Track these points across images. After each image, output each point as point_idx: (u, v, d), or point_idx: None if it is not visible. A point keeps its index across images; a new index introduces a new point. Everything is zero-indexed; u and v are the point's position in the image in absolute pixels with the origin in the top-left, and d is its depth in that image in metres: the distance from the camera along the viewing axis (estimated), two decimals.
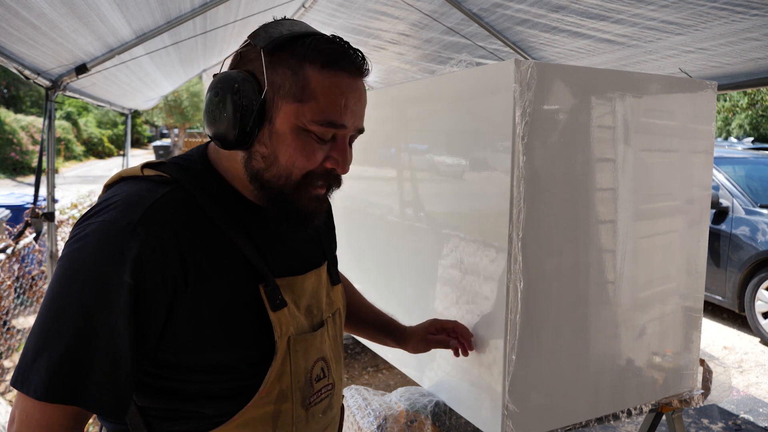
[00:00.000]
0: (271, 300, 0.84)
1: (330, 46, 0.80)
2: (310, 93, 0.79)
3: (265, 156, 0.82)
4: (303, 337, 0.88)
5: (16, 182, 16.05)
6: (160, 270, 0.75)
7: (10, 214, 5.31)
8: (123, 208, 0.76)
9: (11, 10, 2.03)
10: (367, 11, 3.87)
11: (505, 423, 1.34)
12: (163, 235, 0.76)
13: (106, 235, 0.74)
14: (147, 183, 0.81)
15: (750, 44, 2.38)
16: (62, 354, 0.71)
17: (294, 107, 0.80)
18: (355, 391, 1.72)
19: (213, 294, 0.79)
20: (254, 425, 0.83)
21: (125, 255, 0.73)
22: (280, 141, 0.81)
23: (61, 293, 0.73)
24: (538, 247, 1.34)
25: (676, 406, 1.70)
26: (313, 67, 0.79)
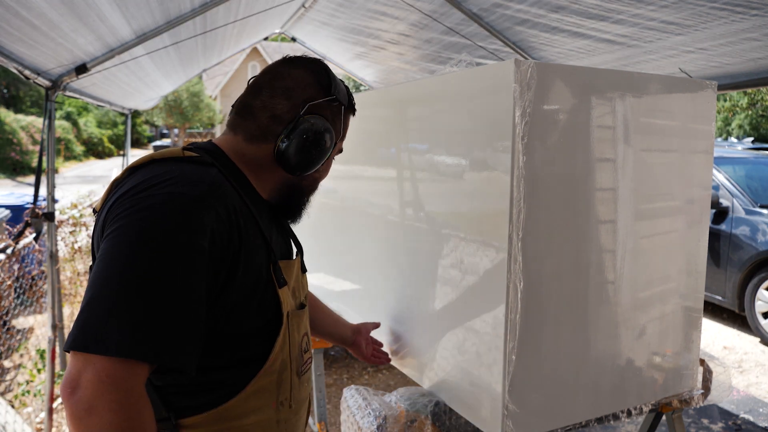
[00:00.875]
0: (278, 278, 0.96)
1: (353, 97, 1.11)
2: (344, 134, 1.11)
3: (315, 179, 1.09)
4: (296, 312, 1.02)
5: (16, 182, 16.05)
6: (228, 238, 0.85)
7: (10, 214, 5.31)
8: (187, 182, 0.84)
9: (11, 10, 2.03)
10: (367, 11, 3.87)
11: (505, 423, 1.34)
12: (226, 208, 0.86)
13: (180, 205, 0.80)
14: (194, 164, 0.90)
15: (750, 44, 2.38)
16: (145, 312, 0.74)
17: (340, 144, 1.10)
18: (354, 391, 1.72)
19: (252, 267, 0.91)
20: (262, 393, 0.93)
21: (203, 222, 0.80)
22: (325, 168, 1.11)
23: (139, 258, 0.76)
24: (538, 247, 1.34)
25: (676, 406, 1.70)
26: (350, 114, 1.11)
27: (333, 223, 2.28)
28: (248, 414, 0.91)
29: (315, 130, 0.99)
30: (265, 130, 0.99)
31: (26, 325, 4.78)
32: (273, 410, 0.96)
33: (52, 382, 3.02)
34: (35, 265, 4.99)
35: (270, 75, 1.03)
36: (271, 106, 0.99)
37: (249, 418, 0.91)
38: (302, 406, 1.06)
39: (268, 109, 0.99)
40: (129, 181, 0.86)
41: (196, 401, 0.88)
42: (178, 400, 0.88)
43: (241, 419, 0.91)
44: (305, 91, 1.01)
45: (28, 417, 3.23)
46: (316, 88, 1.02)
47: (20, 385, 3.56)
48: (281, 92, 1.00)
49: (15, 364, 4.02)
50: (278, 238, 1.05)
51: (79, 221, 5.03)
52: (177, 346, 0.76)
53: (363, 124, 2.09)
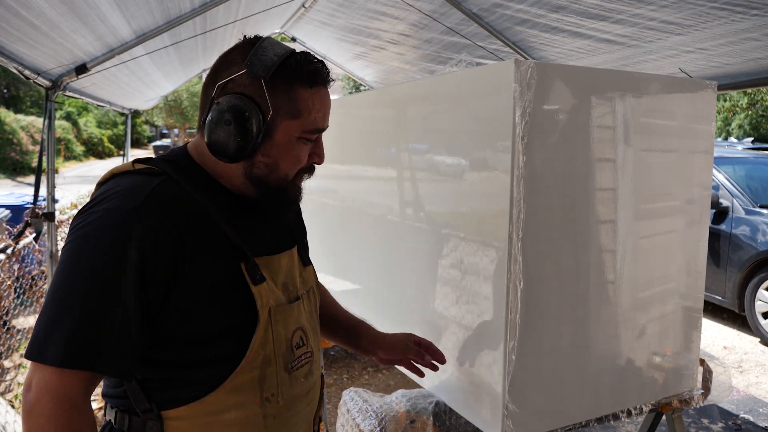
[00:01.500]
0: (252, 276, 0.95)
1: (311, 66, 0.95)
2: (302, 110, 0.96)
3: (268, 164, 0.97)
4: (282, 308, 1.00)
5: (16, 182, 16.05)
6: (162, 248, 0.85)
7: (10, 214, 5.31)
8: (124, 197, 0.86)
9: (11, 10, 2.03)
10: (367, 11, 3.87)
11: (505, 423, 1.34)
12: (162, 217, 0.86)
13: (111, 220, 0.84)
14: (141, 176, 0.92)
15: (750, 44, 2.38)
16: (77, 325, 0.79)
17: (291, 123, 0.96)
18: (354, 393, 1.72)
19: (205, 271, 0.91)
20: (244, 388, 0.94)
21: (131, 235, 0.83)
22: (280, 151, 0.97)
23: (72, 272, 0.82)
24: (538, 247, 1.34)
25: (676, 406, 1.70)
26: (303, 88, 0.95)
27: (333, 223, 2.28)
28: (230, 409, 0.93)
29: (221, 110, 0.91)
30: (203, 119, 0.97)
31: (26, 325, 4.78)
32: (257, 405, 0.96)
33: None
34: (35, 265, 4.99)
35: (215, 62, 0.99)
36: (204, 93, 0.97)
37: (231, 413, 0.93)
38: (299, 402, 1.04)
39: (204, 96, 0.97)
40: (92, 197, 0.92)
41: (177, 395, 0.91)
42: (160, 393, 0.91)
43: (223, 414, 0.92)
44: (226, 72, 0.94)
45: None
46: (238, 65, 0.93)
47: (20, 385, 3.56)
48: (211, 77, 0.97)
49: (15, 364, 4.02)
50: (264, 234, 1.03)
51: None
52: (105, 355, 0.81)
53: (363, 124, 2.10)
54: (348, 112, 2.16)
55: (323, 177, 2.39)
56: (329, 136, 1.37)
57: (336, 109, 2.60)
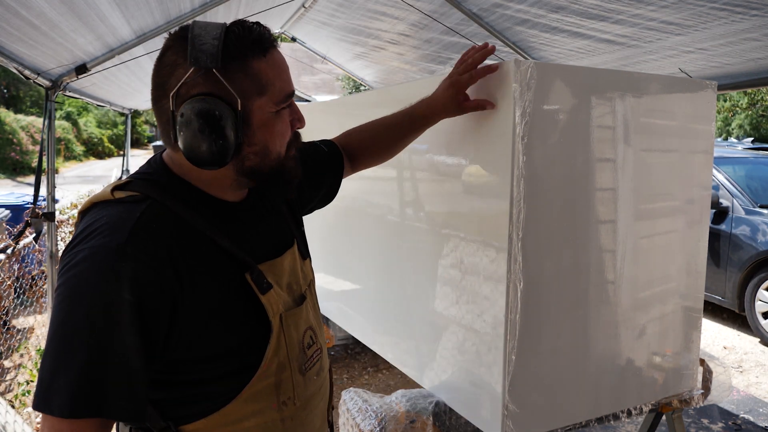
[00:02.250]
0: (259, 284, 0.92)
1: (252, 34, 0.88)
2: (266, 83, 0.89)
3: (257, 152, 0.91)
4: (292, 312, 0.98)
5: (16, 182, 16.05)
6: (156, 283, 0.81)
7: (10, 214, 5.31)
8: (108, 232, 0.81)
9: (11, 10, 2.03)
10: (367, 11, 3.87)
11: (505, 423, 1.34)
12: (152, 250, 0.82)
13: (98, 259, 0.79)
14: (122, 205, 0.85)
15: (750, 44, 2.38)
16: (79, 372, 0.76)
17: (261, 101, 0.89)
18: (354, 394, 1.72)
19: (207, 292, 0.86)
20: (260, 397, 0.93)
21: (121, 275, 0.78)
22: (264, 134, 0.90)
23: (67, 318, 0.78)
24: (538, 247, 1.34)
25: (676, 406, 1.70)
26: (256, 60, 0.88)
27: (333, 223, 2.28)
28: (248, 417, 0.92)
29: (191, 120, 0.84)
30: (169, 136, 0.88)
31: (26, 325, 4.78)
32: (275, 411, 0.95)
33: None
34: (35, 265, 4.99)
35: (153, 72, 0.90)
36: (159, 109, 0.89)
37: (249, 420, 0.92)
38: (313, 400, 1.04)
39: (162, 113, 0.89)
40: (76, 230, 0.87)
41: (192, 410, 0.90)
42: (175, 410, 0.89)
43: (242, 422, 0.92)
44: (173, 78, 0.86)
45: (28, 417, 3.23)
46: (183, 66, 0.85)
47: (20, 385, 3.56)
48: (159, 91, 0.88)
49: (15, 364, 4.02)
50: (263, 237, 1.00)
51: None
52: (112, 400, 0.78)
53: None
54: (348, 112, 2.16)
55: None
56: (329, 136, 1.37)
57: (336, 109, 2.60)
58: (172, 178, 0.92)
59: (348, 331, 2.23)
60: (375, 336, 2.03)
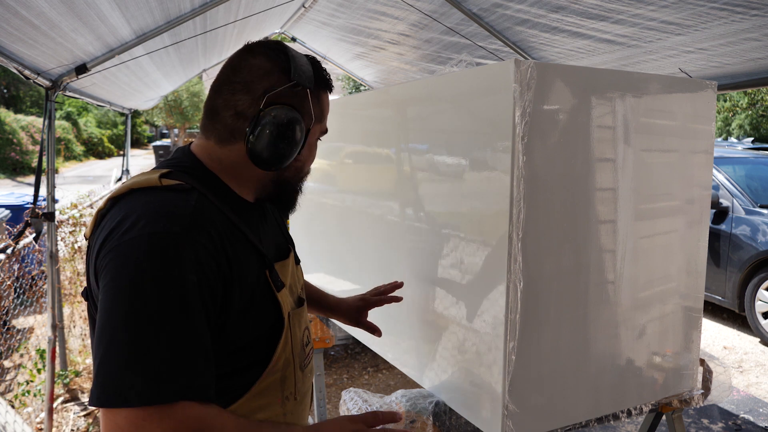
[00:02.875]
0: (275, 282, 0.98)
1: (325, 71, 1.04)
2: (325, 113, 1.06)
3: (297, 167, 1.04)
4: (297, 311, 1.05)
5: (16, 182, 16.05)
6: (215, 266, 0.85)
7: (10, 214, 5.31)
8: (167, 217, 0.83)
9: (11, 10, 2.03)
10: (367, 11, 3.87)
11: (505, 423, 1.34)
12: (210, 235, 0.86)
13: (160, 244, 0.80)
14: (173, 193, 0.88)
15: (750, 44, 2.38)
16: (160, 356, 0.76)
17: (316, 127, 1.04)
18: (354, 394, 1.72)
19: (246, 280, 0.92)
20: (268, 391, 0.97)
21: (187, 257, 0.81)
22: (308, 154, 1.05)
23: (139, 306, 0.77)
24: (538, 247, 1.34)
25: (676, 406, 1.70)
26: (325, 93, 1.05)
27: (333, 223, 2.28)
28: (255, 412, 0.95)
29: (278, 123, 0.93)
30: (233, 129, 0.96)
31: (26, 325, 4.78)
32: (279, 405, 0.99)
33: (52, 382, 3.02)
34: (35, 265, 4.99)
35: (229, 70, 0.98)
36: (233, 104, 0.95)
37: (257, 415, 0.95)
38: (306, 396, 1.10)
39: (231, 106, 0.95)
40: (111, 215, 0.86)
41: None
42: None
43: (249, 417, 0.93)
44: (264, 81, 0.95)
45: (28, 417, 3.23)
46: (277, 75, 0.95)
47: (20, 385, 3.56)
48: (241, 87, 0.95)
49: (15, 364, 4.02)
50: (270, 239, 1.06)
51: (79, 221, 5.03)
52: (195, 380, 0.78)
53: (363, 124, 2.10)
54: (348, 112, 2.15)
55: (323, 177, 2.39)
56: (330, 136, 1.37)
57: (336, 109, 2.60)
58: (206, 172, 0.97)
59: (348, 331, 2.23)
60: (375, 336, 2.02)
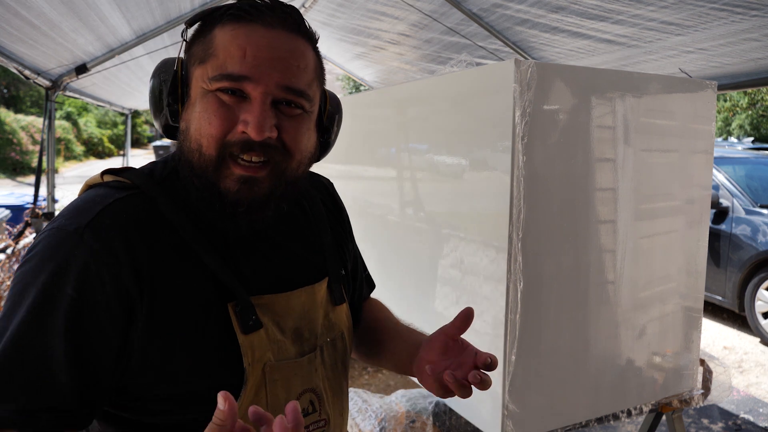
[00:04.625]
0: (242, 321, 0.72)
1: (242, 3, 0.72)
2: (212, 50, 0.71)
3: (182, 131, 0.74)
4: (284, 364, 0.76)
5: (16, 182, 16.05)
6: (110, 281, 0.66)
7: (10, 214, 5.31)
8: (73, 214, 0.69)
9: (11, 10, 2.03)
10: (367, 11, 3.87)
11: (505, 423, 1.34)
12: (113, 241, 0.67)
13: (52, 243, 0.67)
14: (104, 189, 0.73)
15: (750, 44, 2.38)
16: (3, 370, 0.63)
17: (199, 70, 0.72)
18: (354, 394, 1.72)
19: (174, 312, 0.70)
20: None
21: (70, 264, 0.65)
22: (190, 111, 0.73)
23: (9, 301, 0.67)
24: (538, 247, 1.34)
25: (676, 406, 1.70)
26: (221, 27, 0.71)
27: None
28: None
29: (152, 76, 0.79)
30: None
31: None
32: None
33: None
34: None
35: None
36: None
37: None
38: None
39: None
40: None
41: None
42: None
43: None
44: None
45: None
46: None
47: None
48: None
49: None
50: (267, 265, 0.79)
51: None
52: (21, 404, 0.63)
53: (363, 124, 2.09)
54: (348, 112, 2.15)
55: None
56: None
57: None
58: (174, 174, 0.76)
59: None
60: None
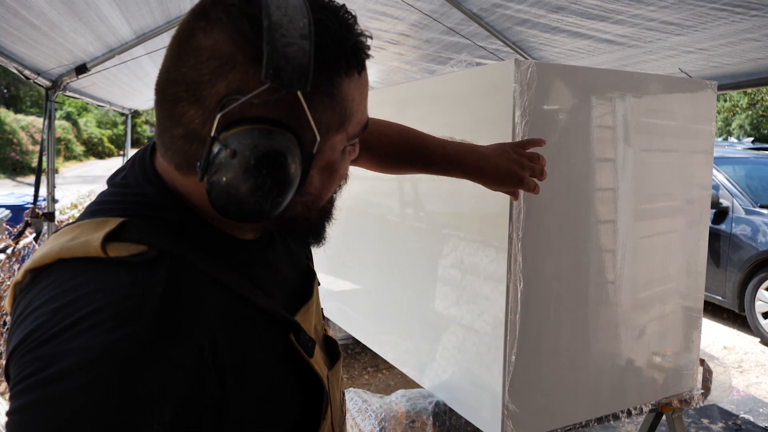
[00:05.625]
0: (305, 346, 0.66)
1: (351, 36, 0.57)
2: (349, 111, 0.59)
3: (307, 202, 0.63)
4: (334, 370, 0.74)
5: (16, 182, 16.05)
6: (199, 396, 0.52)
7: (10, 214, 5.31)
8: (115, 322, 0.48)
9: (11, 10, 2.03)
10: (367, 11, 3.87)
11: (505, 423, 1.34)
12: (192, 345, 0.52)
13: (104, 370, 0.46)
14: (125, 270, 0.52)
15: (750, 44, 2.38)
16: None
17: (337, 137, 0.60)
18: (354, 394, 1.72)
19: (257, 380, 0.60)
20: None
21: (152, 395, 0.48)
22: (323, 179, 0.63)
23: None
24: (538, 247, 1.34)
25: (676, 406, 1.70)
26: (348, 78, 0.58)
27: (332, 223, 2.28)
28: None
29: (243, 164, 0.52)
30: (188, 157, 0.56)
31: None
32: None
33: None
34: None
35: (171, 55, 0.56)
36: (179, 119, 0.55)
37: None
38: None
39: (178, 123, 0.55)
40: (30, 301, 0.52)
41: None
42: None
43: None
44: (219, 82, 0.53)
45: None
46: (242, 66, 0.52)
47: None
48: (185, 91, 0.54)
49: None
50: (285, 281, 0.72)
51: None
52: None
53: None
54: None
55: None
56: None
57: None
58: (177, 206, 0.60)
59: (348, 331, 2.23)
60: (375, 336, 2.03)
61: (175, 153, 0.58)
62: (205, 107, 0.53)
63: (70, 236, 0.55)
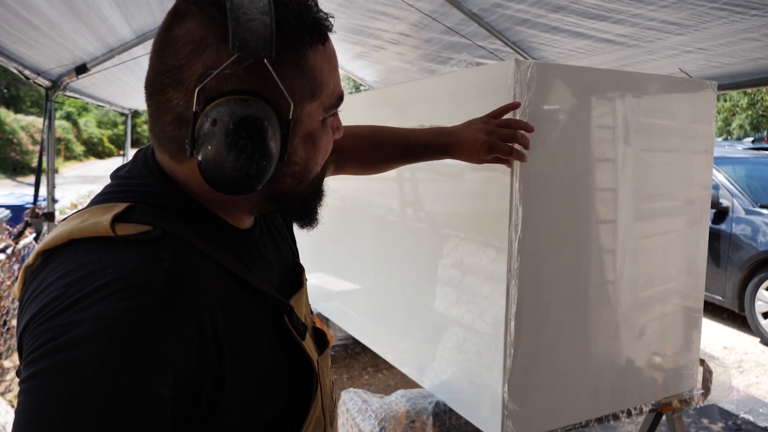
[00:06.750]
0: (297, 328, 0.70)
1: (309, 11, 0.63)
2: (320, 81, 0.65)
3: (295, 173, 0.67)
4: (324, 356, 0.78)
5: (16, 182, 16.05)
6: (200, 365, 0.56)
7: (10, 214, 5.31)
8: (126, 293, 0.53)
9: (11, 10, 2.04)
10: (367, 11, 3.87)
11: (505, 423, 1.34)
12: (195, 317, 0.56)
13: (113, 337, 0.50)
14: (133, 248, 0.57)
15: (750, 44, 2.38)
16: None
17: (311, 107, 0.65)
18: (353, 394, 1.72)
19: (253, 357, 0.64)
20: None
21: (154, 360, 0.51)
22: (308, 149, 0.67)
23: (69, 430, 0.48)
24: (537, 247, 1.34)
25: (676, 406, 1.70)
26: (313, 49, 0.63)
27: (333, 223, 2.28)
28: None
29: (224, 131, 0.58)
30: (178, 141, 0.62)
31: None
32: None
33: None
34: None
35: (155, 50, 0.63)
36: (166, 105, 0.61)
37: None
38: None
39: (165, 109, 0.61)
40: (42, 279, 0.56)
41: None
42: None
43: None
44: (196, 63, 0.59)
45: None
46: (215, 47, 0.59)
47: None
48: (168, 76, 0.60)
49: (15, 364, 4.02)
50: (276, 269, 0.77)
51: None
52: None
53: (363, 124, 2.09)
54: (348, 112, 2.16)
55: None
56: None
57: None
58: (179, 194, 0.65)
59: (348, 331, 2.23)
60: (375, 336, 2.03)
61: (167, 141, 0.63)
62: (186, 88, 0.60)
63: (80, 219, 0.60)
